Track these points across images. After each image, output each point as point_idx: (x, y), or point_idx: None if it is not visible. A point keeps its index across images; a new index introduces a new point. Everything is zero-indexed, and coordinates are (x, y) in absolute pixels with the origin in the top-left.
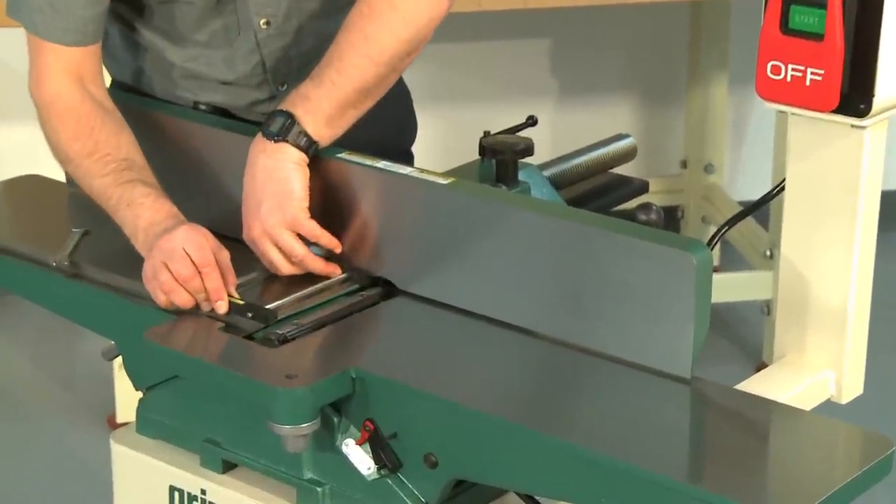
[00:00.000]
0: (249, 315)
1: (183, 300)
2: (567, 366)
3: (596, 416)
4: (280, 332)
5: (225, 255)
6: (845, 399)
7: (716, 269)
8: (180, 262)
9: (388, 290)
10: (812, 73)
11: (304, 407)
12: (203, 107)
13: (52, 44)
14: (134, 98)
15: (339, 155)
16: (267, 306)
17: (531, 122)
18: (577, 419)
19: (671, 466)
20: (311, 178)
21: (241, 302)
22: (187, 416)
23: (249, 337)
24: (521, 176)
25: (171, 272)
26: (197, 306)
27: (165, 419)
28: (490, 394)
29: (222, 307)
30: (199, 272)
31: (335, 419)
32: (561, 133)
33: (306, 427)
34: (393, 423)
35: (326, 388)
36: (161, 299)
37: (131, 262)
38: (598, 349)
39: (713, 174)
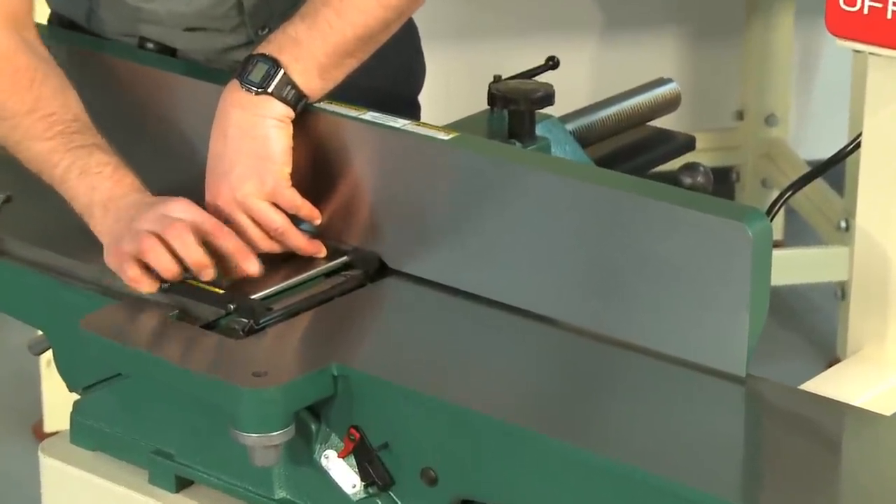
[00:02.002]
0: (232, 307)
1: (164, 265)
2: (596, 362)
3: (631, 422)
4: (246, 319)
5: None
6: None
7: (778, 244)
8: (180, 224)
9: (378, 269)
10: (895, 4)
11: (275, 411)
12: (151, 45)
13: None
14: (77, 37)
15: (319, 105)
16: (253, 296)
17: (551, 64)
18: (609, 427)
19: (722, 484)
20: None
21: (221, 291)
22: (133, 423)
23: (209, 326)
24: (540, 130)
25: (159, 236)
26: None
27: (106, 427)
28: (502, 395)
29: (253, 266)
30: (212, 237)
31: (313, 426)
32: (589, 78)
33: (278, 436)
34: (383, 430)
35: (302, 388)
36: (132, 278)
37: (65, 233)
38: (633, 341)
39: (775, 127)
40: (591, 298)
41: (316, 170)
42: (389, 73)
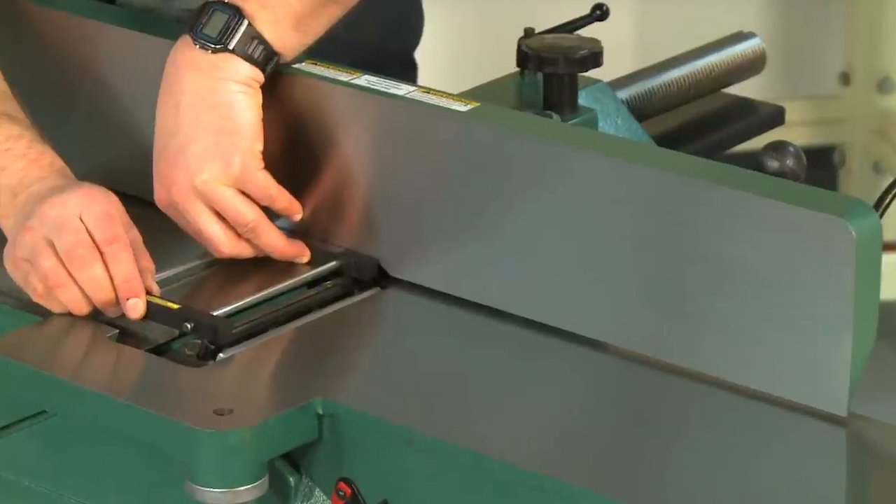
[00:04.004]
0: (188, 326)
1: (75, 300)
2: (655, 397)
3: (700, 475)
4: (206, 342)
5: (135, 236)
6: None
7: (891, 246)
8: (73, 235)
9: (376, 277)
10: None
11: (243, 460)
12: None
13: None
14: None
15: (298, 66)
16: (215, 313)
17: (599, 13)
18: (672, 479)
19: None
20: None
21: (175, 306)
22: (60, 475)
23: (158, 350)
24: (584, 99)
25: (57, 255)
26: (96, 311)
27: (26, 479)
28: (535, 440)
29: (136, 309)
30: (101, 254)
31: (291, 479)
32: (647, 32)
33: (246, 491)
34: (381, 484)
35: (278, 430)
36: (39, 295)
37: None
38: (702, 371)
39: (891, 94)
40: (648, 316)
41: (294, 150)
42: (380, 24)
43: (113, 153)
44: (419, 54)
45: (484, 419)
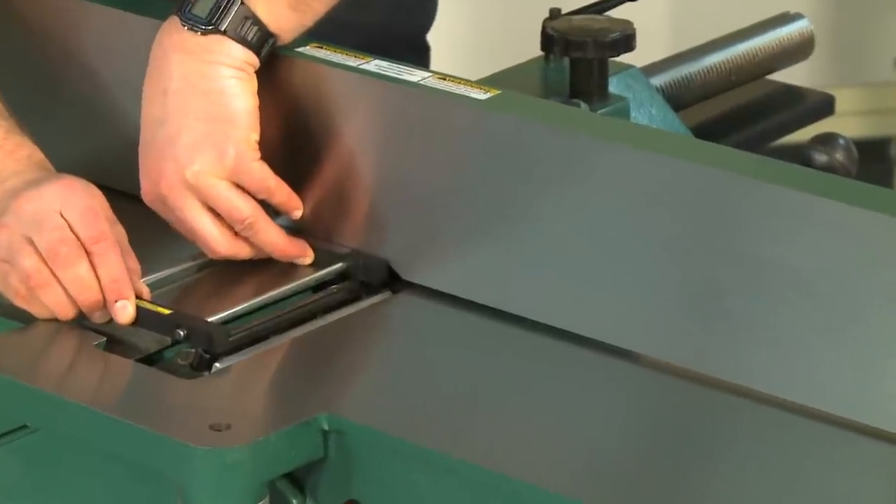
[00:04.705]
0: (181, 334)
1: (59, 301)
2: (691, 413)
3: (742, 499)
4: (200, 350)
5: (120, 233)
6: None
7: None
8: (55, 232)
9: (385, 280)
10: None
11: (243, 480)
12: None
13: None
14: None
15: (301, 50)
16: (210, 319)
17: None
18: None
19: None
20: (259, 92)
21: (166, 311)
22: (43, 496)
23: (149, 360)
24: (615, 86)
25: (38, 253)
26: (82, 315)
27: (5, 499)
28: (562, 461)
29: (125, 312)
30: (87, 252)
31: (295, 501)
32: (683, 13)
33: None
34: None
35: (279, 447)
36: (20, 298)
37: None
38: (744, 385)
39: None
40: (684, 324)
41: (295, 142)
42: (385, 3)
43: (97, 144)
44: (434, 37)
45: (502, 436)
